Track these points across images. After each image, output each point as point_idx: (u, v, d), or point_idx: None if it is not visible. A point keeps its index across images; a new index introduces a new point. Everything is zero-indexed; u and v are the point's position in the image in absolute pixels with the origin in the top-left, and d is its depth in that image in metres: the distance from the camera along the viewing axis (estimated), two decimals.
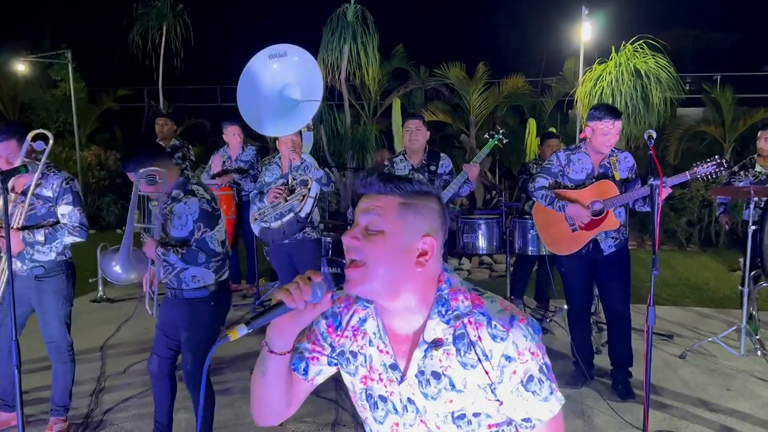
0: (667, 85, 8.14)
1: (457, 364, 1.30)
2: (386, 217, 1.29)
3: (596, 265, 4.18)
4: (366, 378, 1.39)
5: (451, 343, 1.31)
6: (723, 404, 4.02)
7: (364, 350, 1.39)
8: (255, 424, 1.47)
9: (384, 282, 1.28)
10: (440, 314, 1.32)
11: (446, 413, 1.33)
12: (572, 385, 4.27)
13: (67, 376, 3.60)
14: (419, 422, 1.35)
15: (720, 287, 7.19)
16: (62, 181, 3.38)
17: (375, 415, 1.40)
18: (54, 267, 3.45)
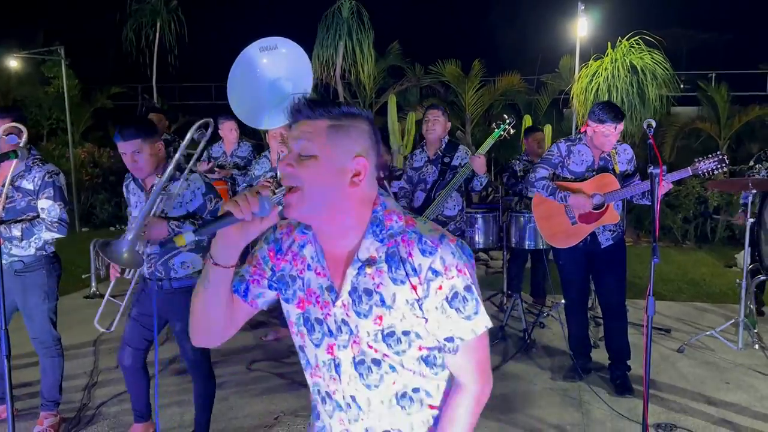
0: (663, 81, 8.13)
1: (388, 281, 1.33)
2: (316, 141, 1.31)
3: (593, 257, 4.15)
4: (303, 302, 1.42)
5: (383, 261, 1.34)
6: (721, 397, 4.00)
7: (303, 274, 1.42)
8: (244, 416, 1.43)
9: (321, 204, 1.31)
10: (374, 234, 1.35)
11: (377, 331, 1.35)
12: (570, 379, 4.24)
13: (55, 371, 3.54)
14: (353, 343, 1.37)
15: (716, 283, 7.17)
16: (45, 174, 3.27)
17: (312, 338, 1.42)
18: (34, 262, 3.36)
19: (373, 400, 1.39)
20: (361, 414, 1.40)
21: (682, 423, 3.64)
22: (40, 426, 3.48)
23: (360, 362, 1.38)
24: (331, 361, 1.40)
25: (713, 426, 3.61)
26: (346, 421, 1.42)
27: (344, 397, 1.41)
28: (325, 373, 1.41)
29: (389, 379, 1.38)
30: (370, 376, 1.38)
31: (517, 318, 5.32)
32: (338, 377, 1.40)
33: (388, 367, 1.37)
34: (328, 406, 1.44)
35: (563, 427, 3.61)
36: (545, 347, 4.96)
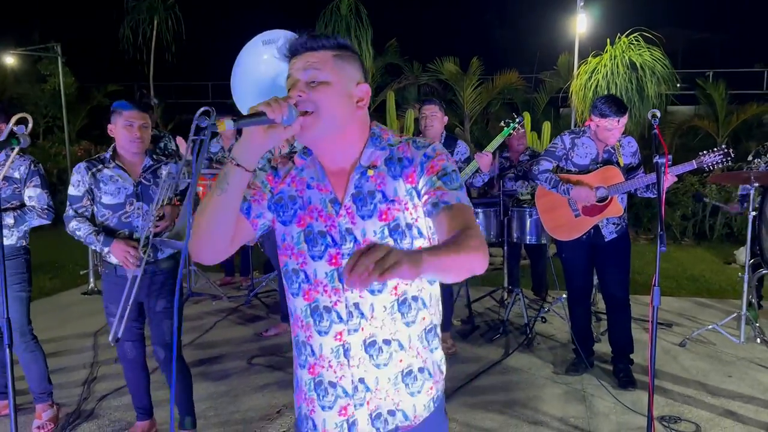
0: (661, 77, 8.13)
1: (388, 179, 1.45)
2: (326, 69, 1.42)
3: (597, 250, 4.13)
4: (303, 218, 1.48)
5: (383, 165, 1.47)
6: (725, 390, 3.99)
7: (303, 194, 1.50)
8: (246, 409, 1.40)
9: (332, 125, 1.42)
10: (374, 144, 1.49)
11: (383, 227, 1.43)
12: (573, 372, 4.22)
13: (38, 363, 3.49)
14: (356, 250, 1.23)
15: (716, 279, 7.17)
16: (30, 163, 3.31)
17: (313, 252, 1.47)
18: (14, 251, 3.36)
19: (376, 306, 1.44)
20: (363, 321, 1.45)
21: (686, 415, 3.63)
22: (39, 420, 3.44)
23: None
24: (334, 271, 1.45)
25: (717, 417, 3.60)
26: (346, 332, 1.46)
27: (347, 306, 1.45)
28: (327, 284, 1.46)
29: (391, 284, 1.44)
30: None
31: (518, 313, 5.30)
32: (341, 287, 1.45)
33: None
34: (325, 322, 1.47)
35: (567, 420, 3.59)
36: (547, 341, 4.94)
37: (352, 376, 1.47)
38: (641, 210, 9.69)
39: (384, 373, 1.47)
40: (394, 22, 14.05)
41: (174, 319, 3.11)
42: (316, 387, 1.51)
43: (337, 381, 1.48)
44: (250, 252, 6.50)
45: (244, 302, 6.03)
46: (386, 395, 1.48)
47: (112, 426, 3.54)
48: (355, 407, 1.48)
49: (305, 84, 1.41)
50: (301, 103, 1.39)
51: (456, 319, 5.37)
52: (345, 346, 1.46)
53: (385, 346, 1.46)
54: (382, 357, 1.46)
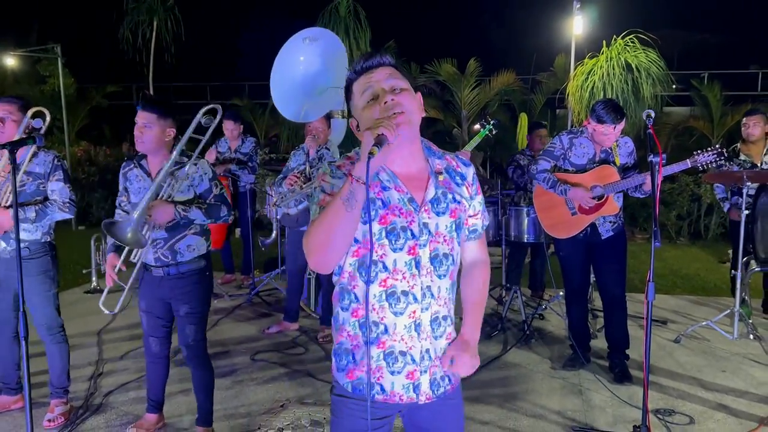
0: (657, 79, 8.22)
1: (453, 185, 1.77)
2: (399, 79, 1.68)
3: (593, 248, 4.22)
4: (385, 217, 1.68)
5: (445, 171, 1.77)
6: (718, 384, 4.08)
7: (381, 195, 1.69)
8: (250, 403, 1.46)
9: (415, 125, 1.68)
10: (431, 154, 1.78)
11: (452, 223, 1.74)
12: (570, 368, 4.31)
13: (63, 357, 3.59)
14: (430, 242, 1.70)
15: (710, 278, 7.28)
16: (53, 158, 3.39)
17: (395, 245, 1.68)
18: (39, 248, 3.43)
19: (442, 288, 1.75)
20: (432, 301, 1.73)
21: (681, 408, 3.72)
22: (51, 413, 3.52)
23: (434, 257, 1.71)
24: (412, 260, 1.69)
25: (710, 411, 3.69)
26: (420, 310, 1.71)
27: (421, 288, 1.70)
28: (405, 271, 1.69)
29: (451, 270, 1.76)
30: (441, 268, 1.73)
31: (516, 310, 5.39)
32: (418, 272, 1.69)
33: (452, 260, 1.75)
34: (402, 304, 1.70)
35: (564, 413, 3.67)
36: (545, 337, 5.03)
37: (421, 347, 1.73)
38: (637, 210, 9.80)
39: (440, 344, 1.77)
40: (392, 24, 14.14)
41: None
42: (386, 357, 1.73)
43: (408, 350, 1.72)
44: (252, 251, 6.58)
45: (245, 300, 6.10)
46: (439, 362, 1.78)
47: (119, 419, 3.62)
48: (420, 373, 1.74)
49: (390, 90, 1.65)
50: (395, 105, 1.62)
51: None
52: (416, 322, 1.71)
53: (443, 321, 1.78)
54: (439, 330, 1.76)
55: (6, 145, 2.43)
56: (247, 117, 14.16)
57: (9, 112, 3.32)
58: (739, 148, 5.48)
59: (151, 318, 3.25)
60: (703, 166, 3.89)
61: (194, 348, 3.23)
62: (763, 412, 3.68)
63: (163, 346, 3.32)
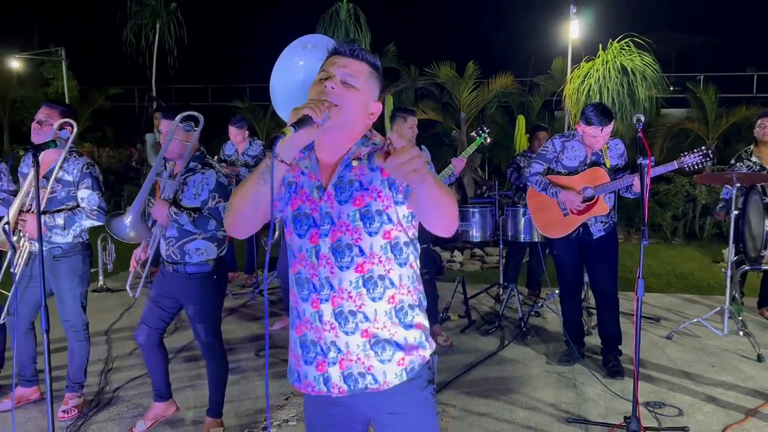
0: (652, 82, 8.37)
1: (366, 171, 1.68)
2: (359, 78, 1.67)
3: (586, 248, 4.36)
4: (295, 200, 1.73)
5: (366, 159, 1.69)
6: (708, 378, 4.23)
7: (297, 179, 1.75)
8: (256, 397, 1.60)
9: (347, 123, 1.66)
10: (362, 143, 1.72)
11: (355, 211, 1.66)
12: (564, 363, 4.46)
13: (82, 354, 3.74)
14: (332, 232, 1.68)
15: (704, 277, 7.42)
16: (83, 165, 3.52)
17: (299, 231, 1.72)
18: (71, 248, 3.58)
19: (344, 280, 1.67)
20: (332, 293, 1.68)
21: (670, 401, 3.86)
22: (65, 405, 3.67)
23: (336, 248, 1.67)
24: (312, 248, 1.70)
25: (699, 403, 3.84)
26: (319, 301, 1.69)
27: (320, 278, 1.69)
28: (306, 259, 1.71)
29: (358, 261, 1.67)
30: (343, 259, 1.67)
31: (513, 308, 5.53)
32: (317, 261, 1.69)
33: (358, 251, 1.67)
34: (305, 291, 1.72)
35: (558, 406, 3.82)
36: (540, 334, 5.18)
37: (325, 339, 1.70)
38: (633, 210, 9.95)
39: (352, 340, 1.69)
40: (391, 27, 14.27)
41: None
42: (301, 345, 1.75)
43: (317, 340, 1.72)
44: (255, 250, 6.72)
45: (249, 299, 6.24)
46: (356, 359, 1.70)
47: (130, 412, 3.76)
48: (328, 365, 1.71)
49: (339, 81, 1.65)
50: (332, 94, 1.62)
51: (454, 314, 5.61)
52: (319, 312, 1.70)
53: (350, 316, 1.68)
54: (348, 325, 1.69)
55: (28, 148, 2.56)
56: (248, 119, 14.28)
57: (48, 116, 3.46)
58: (752, 149, 5.56)
59: (154, 307, 3.37)
60: (690, 167, 4.02)
61: (206, 344, 3.38)
62: (750, 404, 3.82)
63: (151, 337, 3.39)
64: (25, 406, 3.81)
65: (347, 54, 1.69)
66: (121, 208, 11.92)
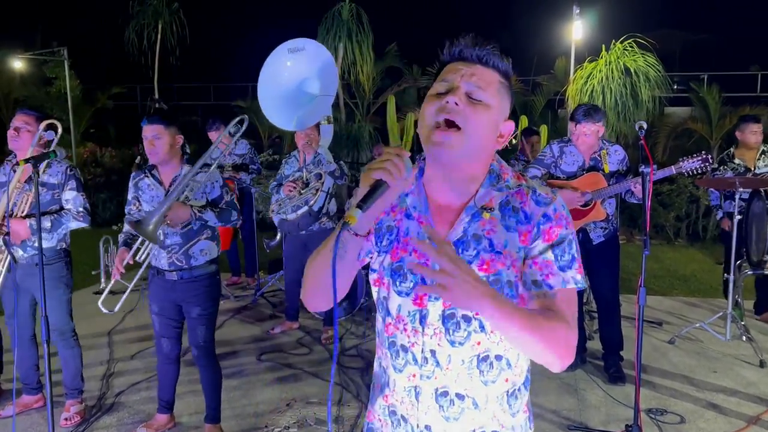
0: (655, 82, 8.35)
1: (500, 227, 1.33)
2: (488, 91, 1.31)
3: (587, 254, 4.34)
4: (397, 249, 1.38)
5: (497, 209, 1.34)
6: (710, 384, 4.22)
7: (401, 224, 1.39)
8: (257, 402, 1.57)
9: (473, 152, 1.31)
10: (491, 184, 1.36)
11: (482, 277, 1.28)
12: (566, 369, 4.43)
13: (76, 360, 3.73)
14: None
15: (707, 279, 7.40)
16: (66, 168, 3.55)
17: (399, 288, 1.37)
18: (54, 255, 3.58)
19: (454, 358, 1.34)
20: (437, 371, 1.35)
21: (672, 408, 3.86)
22: (67, 413, 3.67)
23: (449, 316, 1.33)
24: (417, 312, 1.35)
25: (701, 410, 3.83)
26: (419, 377, 1.37)
27: (423, 351, 1.35)
28: (408, 324, 1.36)
29: (475, 339, 1.33)
30: (457, 333, 1.33)
31: None
32: (421, 330, 1.35)
33: (478, 326, 1.33)
34: (401, 360, 1.39)
35: (560, 412, 3.81)
36: None
37: (418, 420, 1.39)
38: (636, 212, 9.90)
39: (452, 427, 1.37)
40: (394, 27, 14.25)
41: None
42: (390, 415, 1.45)
43: (408, 418, 1.41)
44: (256, 253, 6.72)
45: (251, 301, 6.24)
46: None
47: (131, 418, 3.76)
48: None
49: (465, 95, 1.30)
50: (454, 112, 1.28)
51: None
52: (417, 389, 1.37)
53: (457, 400, 1.35)
54: (452, 410, 1.36)
55: (29, 159, 2.57)
56: (250, 118, 14.25)
57: (26, 123, 3.47)
58: (733, 152, 5.59)
59: (163, 320, 3.39)
60: (689, 172, 4.00)
61: (204, 348, 3.38)
62: (752, 411, 3.81)
63: (175, 347, 3.46)
64: (28, 413, 3.82)
65: (474, 59, 1.33)
66: (123, 209, 11.96)
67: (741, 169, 5.41)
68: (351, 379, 4.29)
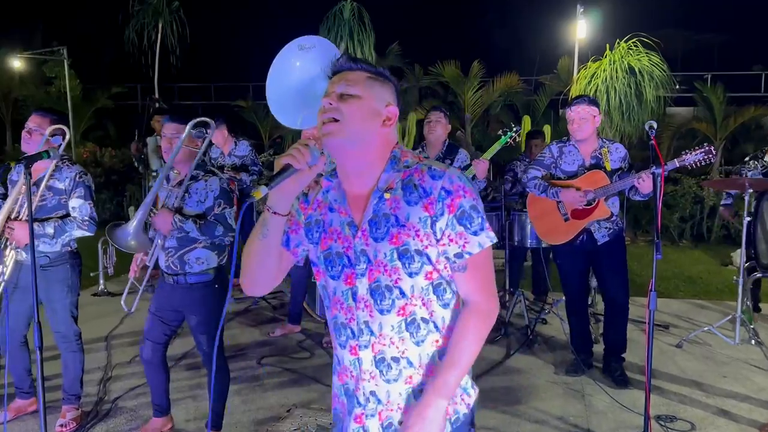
0: (660, 82, 8.27)
1: (403, 204, 1.51)
2: (358, 86, 1.53)
3: (592, 256, 4.26)
4: (325, 239, 1.59)
5: (399, 189, 1.53)
6: (719, 389, 4.13)
7: (326, 217, 1.60)
8: (257, 408, 1.53)
9: (356, 136, 1.50)
10: (392, 168, 1.55)
11: (393, 250, 1.50)
12: (572, 374, 4.36)
13: (76, 365, 3.65)
14: (369, 271, 1.53)
15: (713, 280, 7.31)
16: (76, 174, 3.43)
17: (332, 273, 1.58)
18: (59, 257, 3.48)
19: (385, 324, 1.53)
20: (372, 339, 1.54)
21: (682, 414, 3.76)
22: (63, 419, 3.58)
23: (375, 288, 1.53)
24: (348, 290, 1.55)
25: (712, 417, 3.74)
26: (358, 347, 1.56)
27: (358, 323, 1.55)
28: (344, 302, 1.57)
29: (399, 304, 1.52)
30: (384, 302, 1.52)
31: (519, 314, 5.43)
32: (354, 305, 1.55)
33: (399, 293, 1.52)
34: (342, 337, 1.59)
35: (566, 419, 3.72)
36: (547, 342, 5.08)
37: (363, 388, 1.57)
38: (639, 212, 9.83)
39: (394, 388, 1.56)
40: (396, 27, 14.17)
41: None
42: (345, 393, 1.63)
43: (354, 391, 1.60)
44: None
45: (251, 304, 6.16)
46: (397, 408, 1.56)
47: (128, 425, 3.68)
48: (366, 417, 1.58)
49: (337, 95, 1.52)
50: (330, 111, 1.50)
51: None
52: (359, 360, 1.56)
53: (393, 363, 1.54)
54: (391, 373, 1.55)
55: (21, 159, 2.48)
56: (251, 118, 14.22)
57: (38, 125, 3.38)
58: (766, 150, 5.49)
59: (156, 321, 3.29)
60: (693, 165, 3.91)
61: (208, 354, 3.30)
62: (764, 418, 3.72)
63: (156, 352, 3.34)
64: (22, 418, 3.74)
65: (344, 69, 1.57)
66: (123, 209, 11.91)
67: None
68: None
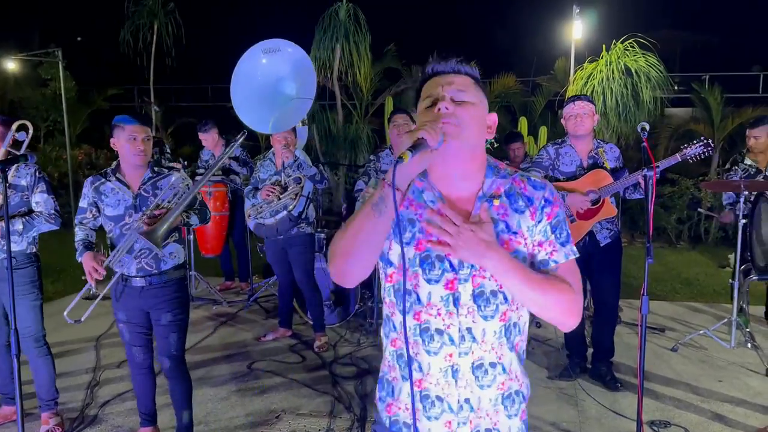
0: (656, 83, 8.22)
1: (510, 211, 1.52)
2: (469, 92, 1.51)
3: (591, 257, 4.20)
4: (421, 242, 1.52)
5: (504, 195, 1.53)
6: (715, 393, 4.08)
7: (421, 217, 1.53)
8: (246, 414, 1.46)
9: (471, 142, 1.49)
10: (494, 175, 1.55)
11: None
12: (566, 378, 4.30)
13: (49, 368, 3.58)
14: (473, 277, 1.50)
15: (710, 282, 7.26)
16: (35, 170, 3.43)
17: (429, 276, 1.51)
18: (25, 259, 3.45)
19: (488, 330, 1.51)
20: (474, 346, 1.51)
21: (676, 420, 3.71)
22: (46, 425, 3.52)
23: (479, 294, 1.50)
24: (449, 296, 1.50)
25: (707, 422, 3.69)
26: (456, 355, 1.51)
27: (460, 330, 1.50)
28: (442, 308, 1.51)
29: (503, 309, 1.51)
30: (488, 308, 1.50)
31: None
32: (456, 311, 1.50)
33: (503, 298, 1.51)
34: (435, 343, 1.51)
35: (559, 425, 3.67)
36: (542, 346, 5.03)
37: (458, 396, 1.53)
38: (637, 213, 9.78)
39: (485, 394, 1.54)
40: (392, 28, 14.12)
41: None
42: (422, 399, 1.56)
43: (444, 397, 1.54)
44: (249, 257, 6.58)
45: (243, 307, 6.11)
46: (485, 415, 1.55)
47: (115, 431, 3.62)
48: (458, 424, 1.55)
49: (450, 99, 1.48)
50: (448, 116, 1.45)
51: None
52: (454, 367, 1.52)
53: (490, 368, 1.53)
54: (486, 379, 1.53)
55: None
56: None
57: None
58: (745, 153, 5.45)
59: (132, 327, 3.23)
60: (693, 158, 3.92)
61: (177, 358, 3.23)
62: (760, 422, 3.67)
63: (147, 355, 3.31)
64: (6, 425, 3.68)
65: (447, 71, 1.53)
66: None
67: (752, 171, 5.27)
68: (343, 389, 4.15)
